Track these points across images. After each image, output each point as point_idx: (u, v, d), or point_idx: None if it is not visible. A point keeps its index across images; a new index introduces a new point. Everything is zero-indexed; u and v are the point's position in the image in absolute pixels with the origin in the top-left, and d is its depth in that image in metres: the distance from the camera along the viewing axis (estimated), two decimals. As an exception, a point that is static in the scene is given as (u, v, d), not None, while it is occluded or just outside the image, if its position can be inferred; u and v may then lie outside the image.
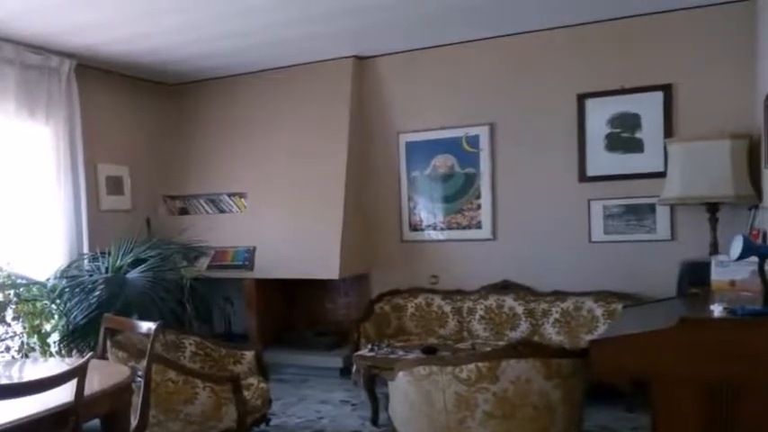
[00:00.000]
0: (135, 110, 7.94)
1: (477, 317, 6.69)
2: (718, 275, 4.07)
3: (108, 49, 6.81)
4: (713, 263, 4.13)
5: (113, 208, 7.50)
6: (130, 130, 7.86)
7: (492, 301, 6.67)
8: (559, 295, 6.45)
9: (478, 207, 7.00)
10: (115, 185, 7.53)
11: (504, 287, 6.72)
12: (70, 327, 6.00)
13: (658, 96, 6.32)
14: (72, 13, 5.70)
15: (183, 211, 8.15)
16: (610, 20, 6.45)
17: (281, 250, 7.34)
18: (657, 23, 6.30)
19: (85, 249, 6.88)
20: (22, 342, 6.04)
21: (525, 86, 6.88)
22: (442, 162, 7.21)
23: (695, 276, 4.44)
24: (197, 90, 8.24)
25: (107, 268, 6.49)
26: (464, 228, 7.09)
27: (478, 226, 7.01)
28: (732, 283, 3.97)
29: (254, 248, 7.51)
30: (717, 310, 3.37)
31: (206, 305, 7.05)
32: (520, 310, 6.53)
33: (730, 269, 3.99)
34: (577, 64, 6.63)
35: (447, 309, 6.85)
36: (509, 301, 6.61)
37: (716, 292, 3.99)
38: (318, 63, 7.55)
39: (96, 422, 3.80)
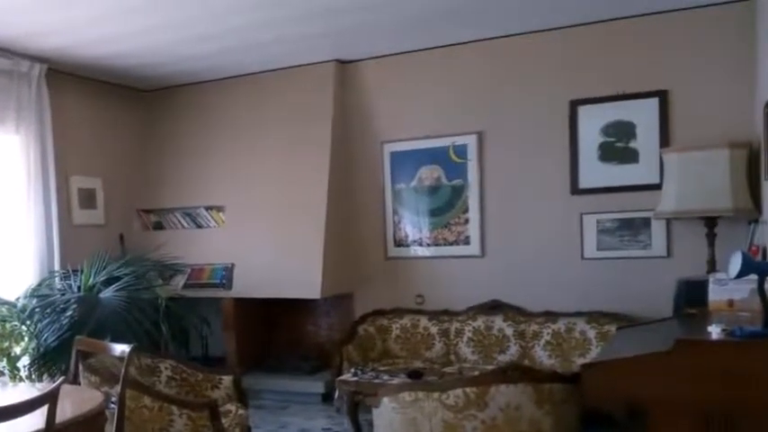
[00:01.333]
0: (108, 118, 7.88)
1: (464, 339, 6.63)
2: (715, 295, 4.05)
3: (79, 53, 6.76)
4: (711, 281, 4.11)
5: (86, 222, 7.43)
6: (103, 139, 7.80)
7: (480, 322, 6.62)
8: (551, 316, 6.40)
9: (466, 221, 6.96)
10: (88, 198, 7.47)
11: (493, 307, 6.68)
12: (41, 349, 5.95)
13: (654, 103, 6.28)
14: (39, 13, 5.67)
15: (158, 226, 8.09)
16: (603, 21, 6.41)
17: (260, 268, 7.28)
18: (653, 25, 6.26)
19: (57, 267, 6.82)
20: (-9, 366, 5.96)
21: (515, 92, 6.84)
22: (429, 174, 7.16)
23: (692, 295, 4.41)
24: (172, 96, 8.18)
25: (79, 287, 6.44)
26: (451, 244, 7.04)
27: (466, 242, 6.97)
28: (731, 302, 3.96)
29: (233, 266, 7.45)
30: (715, 331, 3.34)
31: (182, 326, 6.97)
32: (509, 331, 6.48)
33: (729, 288, 3.97)
34: (570, 68, 6.58)
35: (433, 330, 6.79)
36: (498, 322, 6.56)
37: (714, 312, 3.97)
38: (299, 67, 7.51)
39: (68, 451, 3.72)
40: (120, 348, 4.35)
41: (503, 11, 6.10)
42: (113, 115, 7.92)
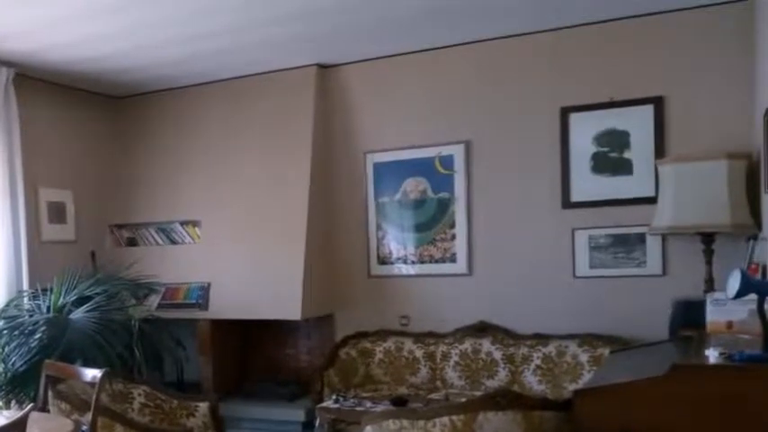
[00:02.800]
0: (78, 126, 7.80)
1: (451, 363, 6.58)
2: (713, 316, 4.03)
3: (48, 57, 6.68)
4: (708, 301, 4.08)
5: (55, 239, 7.35)
6: (74, 148, 7.72)
7: (467, 344, 6.56)
8: (541, 338, 6.35)
9: (453, 237, 6.90)
10: (57, 213, 7.39)
11: (481, 329, 6.62)
12: (8, 374, 5.87)
13: (648, 110, 6.24)
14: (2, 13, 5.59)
15: (132, 242, 8.02)
16: (596, 23, 6.35)
17: (237, 287, 7.21)
18: (648, 27, 6.20)
19: (25, 286, 6.75)
20: (-44, 392, 5.88)
21: (503, 98, 6.78)
22: (414, 186, 7.10)
23: (689, 317, 4.40)
24: (146, 104, 8.11)
25: (49, 307, 6.37)
26: (437, 261, 6.98)
27: (453, 259, 6.91)
28: (729, 324, 3.93)
29: (209, 285, 7.37)
30: (713, 355, 3.32)
31: (156, 350, 6.88)
32: (498, 355, 6.43)
33: (727, 309, 3.95)
34: (561, 73, 6.51)
35: (418, 354, 6.74)
36: (486, 344, 6.50)
37: (712, 334, 3.94)
38: (278, 72, 7.43)
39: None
40: (92, 373, 4.33)
41: (489, 11, 6.04)
42: (84, 123, 7.83)
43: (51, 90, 7.46)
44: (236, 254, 7.33)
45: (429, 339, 6.77)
